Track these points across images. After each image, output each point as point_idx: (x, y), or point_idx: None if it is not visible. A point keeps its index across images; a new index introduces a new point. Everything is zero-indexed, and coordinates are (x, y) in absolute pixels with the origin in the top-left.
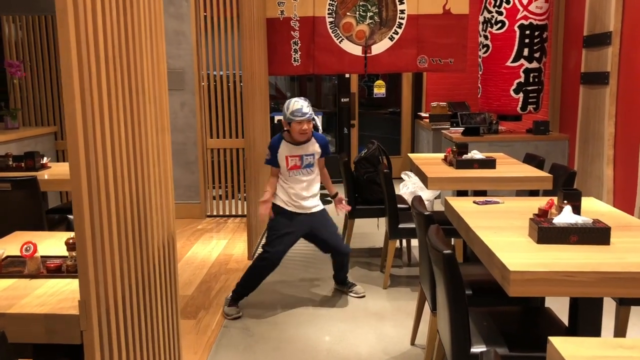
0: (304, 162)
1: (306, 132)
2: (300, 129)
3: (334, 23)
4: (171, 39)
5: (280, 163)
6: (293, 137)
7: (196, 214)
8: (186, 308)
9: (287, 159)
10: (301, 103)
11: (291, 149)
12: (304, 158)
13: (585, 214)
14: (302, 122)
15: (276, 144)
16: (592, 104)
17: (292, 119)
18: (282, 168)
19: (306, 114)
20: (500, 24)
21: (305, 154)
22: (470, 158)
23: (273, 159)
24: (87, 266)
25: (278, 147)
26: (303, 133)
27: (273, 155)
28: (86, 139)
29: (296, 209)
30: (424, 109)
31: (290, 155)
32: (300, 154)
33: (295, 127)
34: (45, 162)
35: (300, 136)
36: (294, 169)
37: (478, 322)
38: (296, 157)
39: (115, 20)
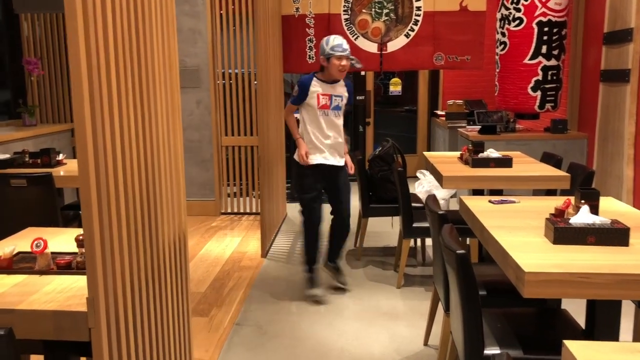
0: (332, 103)
1: (345, 68)
2: (339, 65)
3: (349, 20)
4: (187, 37)
5: (309, 101)
6: (330, 73)
7: (211, 211)
8: (199, 305)
9: (318, 97)
10: (341, 39)
11: (323, 87)
12: (333, 98)
13: (603, 214)
14: (341, 58)
15: (307, 81)
16: (612, 102)
17: (332, 53)
18: (312, 106)
19: (346, 49)
20: (518, 21)
21: (334, 94)
22: (486, 157)
23: (301, 96)
24: (95, 263)
25: (309, 84)
26: (342, 70)
27: (303, 92)
28: (94, 136)
29: (325, 160)
30: (440, 107)
31: (322, 94)
32: (330, 93)
33: (335, 63)
34: (61, 159)
35: (338, 73)
36: (323, 108)
37: (492, 324)
38: (326, 96)
39: (126, 17)
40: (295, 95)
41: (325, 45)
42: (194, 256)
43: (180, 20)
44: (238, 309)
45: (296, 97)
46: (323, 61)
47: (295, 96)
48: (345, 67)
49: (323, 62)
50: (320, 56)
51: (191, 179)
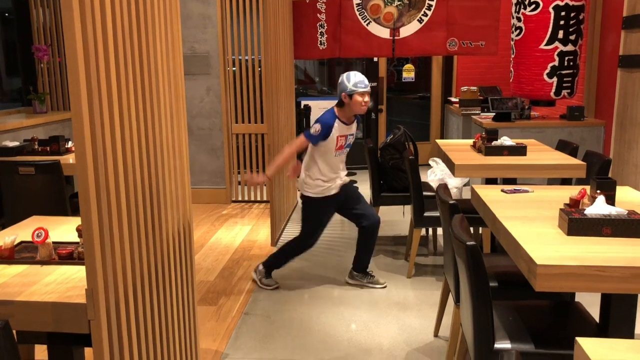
0: (346, 142)
1: (367, 104)
2: (362, 102)
3: (361, 5)
4: (197, 22)
5: (330, 144)
6: (352, 109)
7: (221, 199)
8: (207, 294)
9: (337, 139)
10: (361, 75)
11: (342, 129)
12: (348, 138)
13: (620, 205)
14: (364, 94)
15: (331, 121)
16: (630, 89)
17: (355, 90)
18: (330, 149)
19: (368, 85)
20: (534, 5)
21: (349, 134)
22: (499, 144)
23: (321, 137)
24: (94, 253)
25: (333, 125)
26: (364, 106)
27: (326, 133)
28: (92, 123)
29: (333, 189)
30: (454, 93)
31: (340, 135)
32: (346, 134)
33: (358, 99)
34: (70, 147)
35: (361, 109)
36: (339, 150)
37: (503, 317)
38: (343, 137)
39: (126, 1)
40: (314, 135)
41: (347, 82)
42: (204, 245)
43: (190, 6)
44: (247, 298)
45: (316, 137)
46: (345, 98)
47: (315, 135)
48: (367, 103)
49: (345, 98)
50: (342, 93)
51: (202, 167)
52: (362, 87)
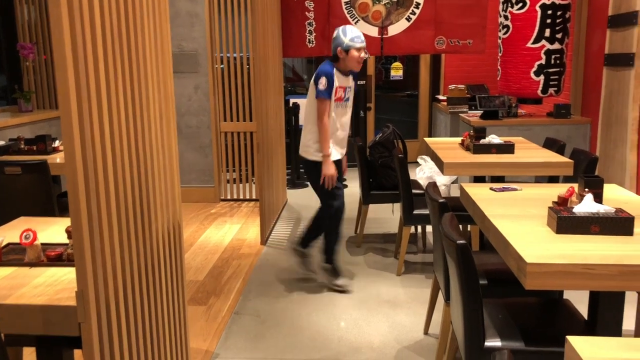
0: (346, 94)
1: (362, 60)
2: (359, 57)
3: (349, 3)
4: (184, 20)
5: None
6: (347, 65)
7: (210, 197)
8: (197, 294)
9: (336, 90)
10: (356, 30)
11: (340, 80)
12: (347, 90)
13: (607, 202)
14: (361, 49)
15: (331, 71)
16: (615, 87)
17: (352, 45)
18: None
19: (364, 41)
20: (521, 4)
21: (348, 86)
22: (487, 142)
23: (331, 89)
24: (84, 254)
25: (333, 75)
26: (360, 62)
27: (331, 83)
28: (81, 122)
29: (337, 155)
30: (441, 91)
31: (340, 86)
32: (345, 86)
33: (354, 54)
34: (57, 146)
35: (357, 65)
36: (338, 101)
37: (493, 315)
38: (342, 89)
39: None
40: (325, 89)
41: (343, 36)
42: (193, 244)
43: (178, 4)
44: (237, 297)
45: (327, 90)
46: (340, 53)
47: (326, 89)
48: (363, 59)
49: (340, 53)
50: (337, 47)
51: (190, 165)
52: (359, 41)
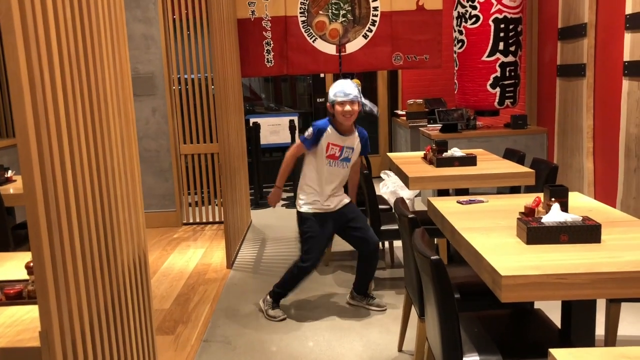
0: (342, 155)
1: (350, 114)
2: (343, 111)
3: (306, 22)
4: (139, 43)
5: (319, 149)
6: (338, 121)
7: (172, 222)
8: (164, 323)
9: (328, 146)
10: (345, 83)
11: (335, 137)
12: (344, 150)
13: (572, 211)
14: (344, 103)
15: (324, 126)
16: (569, 97)
17: (335, 100)
18: (320, 156)
19: (349, 94)
20: (474, 19)
21: (345, 146)
22: (450, 156)
23: (314, 140)
24: (47, 291)
25: (325, 130)
26: (346, 115)
27: (317, 136)
28: (40, 150)
29: (324, 207)
30: (400, 106)
31: (332, 143)
32: (341, 145)
33: (338, 109)
34: (10, 176)
35: (343, 119)
36: (330, 158)
37: (468, 329)
38: (336, 147)
39: (71, 26)
40: (308, 138)
41: (330, 92)
42: (156, 271)
43: (132, 27)
44: (205, 324)
45: (310, 141)
46: (330, 109)
47: (309, 139)
48: (349, 113)
49: (330, 109)
50: (327, 104)
51: (150, 190)
52: (340, 96)
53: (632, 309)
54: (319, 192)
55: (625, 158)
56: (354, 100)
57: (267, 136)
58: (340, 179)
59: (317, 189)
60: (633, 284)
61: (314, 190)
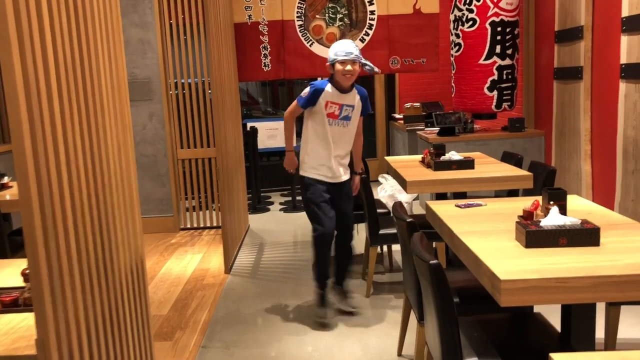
0: (342, 113)
1: (351, 73)
2: (343, 70)
3: (303, 26)
4: (136, 48)
5: (317, 108)
6: (337, 81)
7: (169, 227)
8: (161, 329)
9: (327, 104)
10: (348, 42)
11: (334, 95)
12: (343, 108)
13: (571, 214)
14: (345, 62)
15: (321, 85)
16: (566, 100)
17: (335, 58)
18: (319, 114)
19: (351, 53)
20: (471, 22)
21: (345, 104)
22: (448, 159)
23: (312, 99)
24: (44, 298)
25: (323, 89)
26: (346, 75)
27: (315, 95)
28: (36, 156)
29: (327, 176)
30: (397, 110)
31: (331, 102)
32: (340, 103)
33: (338, 68)
34: (6, 182)
35: (343, 79)
36: (330, 117)
37: (468, 333)
38: (335, 105)
39: (67, 31)
40: (303, 97)
41: (330, 51)
42: (154, 276)
43: (129, 32)
44: (203, 330)
45: (305, 99)
46: (329, 68)
47: (304, 97)
48: (350, 72)
49: (329, 69)
50: (327, 64)
51: (147, 195)
52: (341, 54)
53: (632, 311)
54: (324, 156)
55: (623, 160)
56: (355, 60)
57: (264, 140)
58: (344, 142)
59: (321, 152)
60: (633, 287)
61: (318, 153)
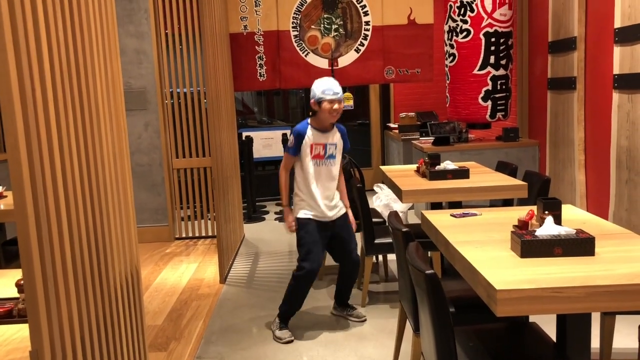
0: (327, 152)
1: (338, 112)
2: (331, 109)
3: (298, 37)
4: (132, 58)
5: (303, 153)
6: (322, 119)
7: (164, 237)
8: (156, 339)
9: (312, 147)
10: (332, 81)
11: (316, 136)
12: (327, 147)
13: (566, 223)
14: (333, 101)
15: (303, 129)
16: (560, 109)
17: (323, 97)
18: (304, 160)
19: (338, 93)
20: (465, 33)
21: (328, 143)
22: (443, 169)
23: (297, 146)
24: (38, 309)
25: (305, 132)
26: (333, 113)
27: (298, 141)
28: (31, 165)
29: (320, 215)
30: (392, 119)
31: (315, 143)
32: (324, 143)
33: (326, 107)
34: (0, 192)
35: (330, 117)
36: (316, 158)
37: (464, 343)
38: (320, 146)
39: (63, 41)
40: (291, 146)
41: (316, 88)
42: (149, 286)
43: (125, 41)
44: (198, 341)
45: (293, 148)
46: (314, 105)
47: (292, 147)
48: (337, 111)
49: (314, 106)
50: (311, 100)
51: (142, 205)
52: (329, 94)
53: (627, 321)
54: (313, 196)
55: (616, 170)
56: (341, 100)
57: (259, 150)
58: (331, 180)
59: (311, 192)
60: (628, 297)
61: (308, 194)
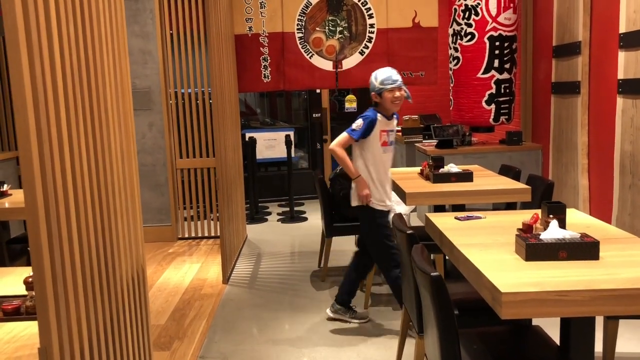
0: (390, 138)
1: (400, 99)
2: (392, 97)
3: (303, 38)
4: (137, 58)
5: (373, 140)
6: (385, 107)
7: (167, 237)
8: (159, 339)
9: (381, 134)
10: (391, 70)
11: (384, 124)
12: (390, 134)
13: (570, 227)
14: (394, 90)
15: (374, 115)
16: (564, 114)
17: (383, 87)
18: (375, 145)
19: (397, 80)
20: (470, 36)
21: (390, 130)
22: (447, 172)
23: (367, 132)
24: (47, 307)
25: (376, 119)
26: (396, 101)
27: (370, 126)
28: (42, 166)
29: (387, 206)
30: None
31: (383, 130)
32: (387, 130)
33: (388, 96)
34: (5, 190)
35: (393, 106)
36: (384, 145)
37: (468, 346)
38: (386, 133)
39: (74, 41)
40: (357, 129)
41: (374, 80)
42: (152, 286)
43: (130, 42)
44: (201, 340)
45: (361, 132)
46: (375, 97)
47: (360, 130)
48: (399, 98)
49: (375, 98)
50: (372, 93)
51: (146, 204)
52: (389, 83)
53: (630, 325)
54: (382, 186)
55: (620, 175)
56: (401, 86)
57: (262, 151)
58: (390, 161)
59: (379, 184)
60: (632, 301)
61: (378, 182)
